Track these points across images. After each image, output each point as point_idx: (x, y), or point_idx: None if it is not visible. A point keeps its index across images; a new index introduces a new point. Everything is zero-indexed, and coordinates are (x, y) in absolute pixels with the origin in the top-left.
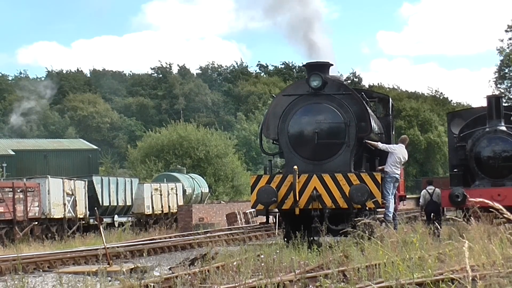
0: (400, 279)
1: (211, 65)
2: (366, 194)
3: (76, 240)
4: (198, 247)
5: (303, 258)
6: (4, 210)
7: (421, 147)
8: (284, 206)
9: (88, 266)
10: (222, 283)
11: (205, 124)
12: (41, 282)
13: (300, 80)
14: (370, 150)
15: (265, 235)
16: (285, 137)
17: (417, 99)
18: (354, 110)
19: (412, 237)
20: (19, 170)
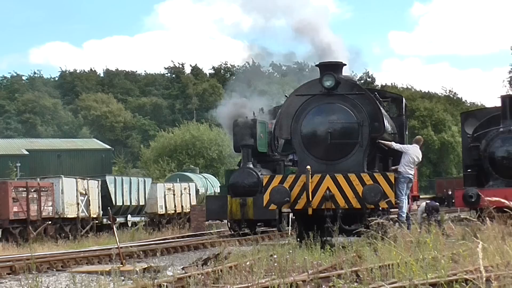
0: (414, 279)
1: (224, 65)
2: (379, 194)
3: (89, 240)
4: (211, 247)
5: (316, 258)
6: (18, 209)
7: (435, 147)
8: (297, 206)
9: (102, 266)
10: (235, 283)
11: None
12: (54, 282)
13: (313, 80)
14: (383, 150)
15: (278, 235)
16: (298, 137)
17: (430, 99)
18: (367, 110)
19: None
20: (33, 170)
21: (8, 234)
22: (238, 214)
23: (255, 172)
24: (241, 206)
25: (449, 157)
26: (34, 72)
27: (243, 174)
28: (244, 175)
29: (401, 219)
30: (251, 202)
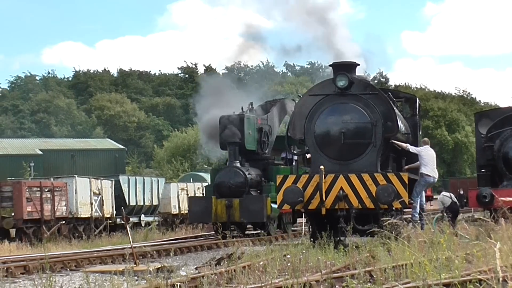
0: (427, 279)
1: (237, 65)
2: (392, 194)
3: (103, 240)
4: (224, 247)
5: (329, 258)
6: (32, 209)
7: (449, 147)
8: (311, 206)
9: (115, 266)
10: (248, 283)
11: None
12: (68, 281)
13: (327, 80)
14: (396, 150)
15: (291, 235)
16: (312, 137)
17: (444, 99)
18: (380, 110)
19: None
20: (47, 170)
21: (22, 234)
22: (223, 216)
23: (242, 171)
24: (226, 207)
25: (463, 157)
26: (48, 72)
27: (229, 173)
28: (231, 175)
29: (414, 219)
30: (238, 204)
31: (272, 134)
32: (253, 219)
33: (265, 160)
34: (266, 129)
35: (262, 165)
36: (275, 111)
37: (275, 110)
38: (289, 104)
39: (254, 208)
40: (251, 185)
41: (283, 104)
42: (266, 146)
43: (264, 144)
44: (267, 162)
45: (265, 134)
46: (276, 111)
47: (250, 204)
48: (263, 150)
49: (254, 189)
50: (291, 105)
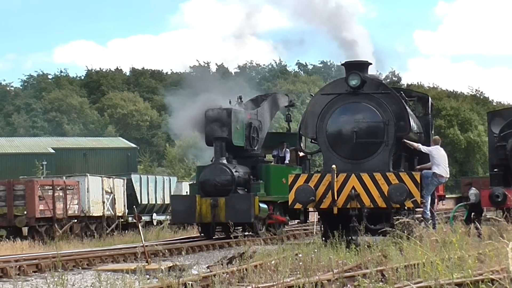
0: (439, 279)
1: (250, 64)
2: (405, 193)
3: (114, 238)
4: (236, 245)
5: (341, 257)
6: (44, 207)
7: (461, 147)
8: (322, 205)
9: (127, 264)
10: (260, 282)
11: None
12: (80, 280)
13: (339, 79)
14: (409, 150)
15: (303, 234)
16: (324, 136)
17: (456, 98)
18: (393, 109)
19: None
20: (59, 168)
21: (34, 232)
22: (208, 216)
23: (229, 168)
24: (211, 207)
25: (475, 157)
26: (61, 71)
27: (214, 170)
28: (216, 172)
29: (425, 216)
30: (224, 203)
31: (263, 130)
32: (240, 220)
33: (254, 158)
34: (256, 124)
35: (251, 162)
36: (266, 105)
37: (266, 104)
38: (281, 99)
39: (241, 208)
40: (239, 183)
41: (275, 99)
42: (256, 142)
43: (253, 140)
44: (256, 160)
45: (254, 129)
46: (267, 106)
47: (236, 204)
48: (252, 146)
49: (241, 188)
50: (284, 100)
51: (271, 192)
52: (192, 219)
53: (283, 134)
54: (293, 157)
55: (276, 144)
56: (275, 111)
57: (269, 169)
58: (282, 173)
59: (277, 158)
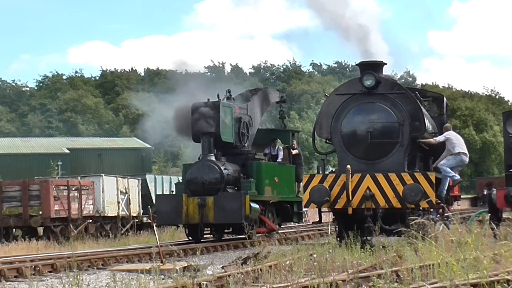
0: (455, 279)
1: (264, 64)
2: (420, 194)
3: (129, 238)
4: (250, 246)
5: (356, 257)
6: (59, 208)
7: (476, 147)
8: (337, 206)
9: (142, 264)
10: (275, 282)
11: None
12: (95, 280)
13: (354, 79)
14: (424, 150)
15: (317, 235)
16: (338, 137)
17: (472, 98)
18: (408, 110)
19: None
20: (74, 169)
21: (50, 232)
22: (196, 217)
23: (217, 165)
24: (199, 207)
25: (490, 157)
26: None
27: (202, 168)
28: (204, 170)
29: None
30: (212, 202)
31: (253, 126)
32: (229, 220)
33: (244, 155)
34: (246, 119)
35: (241, 159)
36: (257, 100)
37: (257, 99)
38: (272, 94)
39: (230, 208)
40: (228, 182)
41: (266, 94)
42: (246, 138)
43: (243, 136)
44: (246, 157)
45: (244, 125)
46: (258, 101)
47: (226, 203)
48: (242, 143)
49: (231, 186)
50: (275, 95)
51: (263, 191)
52: (178, 220)
53: (275, 131)
54: (286, 155)
55: (268, 141)
56: (266, 106)
57: (260, 166)
58: (274, 171)
59: (269, 156)
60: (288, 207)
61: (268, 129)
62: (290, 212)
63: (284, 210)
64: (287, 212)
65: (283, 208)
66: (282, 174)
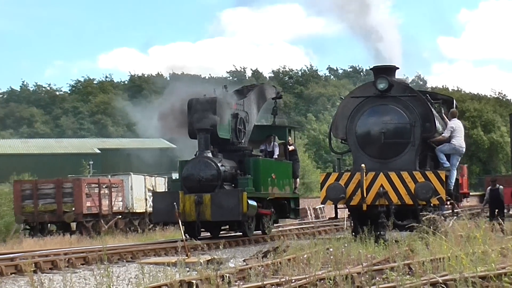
0: (464, 272)
1: (283, 68)
2: (430, 191)
3: (156, 233)
4: (270, 240)
5: (370, 251)
6: (91, 204)
7: (484, 147)
8: (352, 202)
9: (168, 258)
10: (293, 274)
11: None
12: (124, 272)
13: (368, 83)
14: (434, 149)
15: (334, 230)
16: (353, 137)
17: (480, 100)
18: (419, 111)
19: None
20: (104, 167)
21: (82, 227)
22: (192, 214)
23: (214, 162)
24: (196, 204)
25: (498, 156)
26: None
27: (199, 164)
28: (200, 166)
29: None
30: (209, 200)
31: (250, 122)
32: (227, 217)
33: (241, 151)
34: (243, 115)
35: (238, 156)
36: (253, 96)
37: (253, 95)
38: (268, 90)
39: (227, 205)
40: (225, 179)
41: (262, 90)
42: (243, 135)
43: (240, 132)
44: (243, 154)
45: (241, 121)
46: (254, 97)
47: (223, 200)
48: (239, 139)
49: (228, 183)
50: (271, 92)
51: (260, 187)
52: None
53: (271, 128)
54: (282, 151)
55: (263, 138)
56: (262, 102)
57: (258, 163)
58: (271, 167)
59: (265, 152)
60: (286, 203)
61: (264, 125)
62: (287, 209)
63: (281, 206)
64: (284, 209)
65: (280, 204)
66: (279, 171)
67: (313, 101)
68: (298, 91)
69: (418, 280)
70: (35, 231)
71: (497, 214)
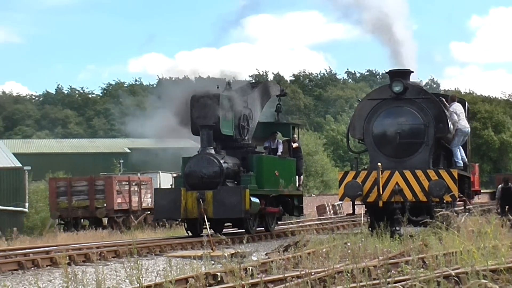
0: (475, 266)
1: (303, 72)
2: (443, 188)
3: (183, 228)
4: (291, 235)
5: (386, 246)
6: (122, 201)
7: (495, 147)
8: (369, 199)
9: (194, 251)
10: (313, 267)
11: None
12: (153, 264)
13: (384, 86)
14: (447, 149)
15: (351, 225)
16: (370, 137)
17: (491, 102)
18: (432, 113)
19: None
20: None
21: (113, 222)
22: (194, 211)
23: (217, 159)
24: (198, 201)
25: (508, 155)
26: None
27: (201, 161)
28: (203, 163)
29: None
30: (211, 197)
31: (253, 119)
32: (229, 215)
33: (245, 148)
34: (246, 112)
35: (241, 153)
36: (257, 93)
37: (257, 92)
38: (273, 88)
39: (230, 202)
40: (228, 176)
41: (266, 87)
42: (246, 132)
43: (243, 129)
44: (246, 150)
45: (244, 118)
46: (258, 94)
47: (225, 197)
48: (242, 136)
49: (230, 180)
50: (275, 89)
51: (263, 185)
52: (177, 214)
53: (275, 125)
54: (286, 148)
55: (267, 135)
56: (266, 99)
57: (261, 159)
58: (275, 164)
59: (269, 150)
60: (289, 200)
61: (268, 122)
62: (291, 206)
63: (284, 203)
64: (287, 206)
65: (284, 201)
66: (283, 168)
67: (332, 103)
68: (318, 93)
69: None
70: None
71: (507, 210)
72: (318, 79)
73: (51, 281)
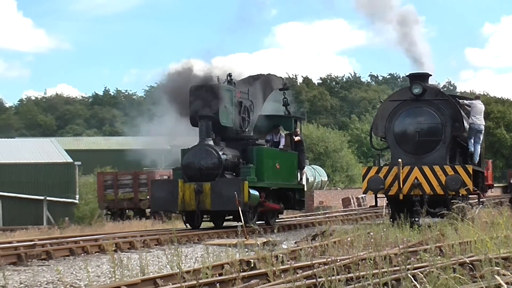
0: (488, 254)
1: (330, 76)
2: (459, 183)
3: None
4: (318, 225)
5: (406, 235)
6: None
7: (507, 144)
8: (390, 193)
9: (229, 240)
10: (338, 255)
11: (324, 124)
12: (192, 252)
13: (404, 88)
14: (463, 147)
15: (374, 216)
16: (391, 135)
17: (503, 103)
18: (449, 113)
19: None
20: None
21: (155, 213)
22: (192, 203)
23: (215, 150)
24: (195, 193)
25: None
26: None
27: (199, 152)
28: (201, 154)
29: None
30: (209, 189)
31: (254, 112)
32: (227, 207)
33: (245, 140)
34: (247, 104)
35: (241, 145)
36: (259, 85)
37: (259, 84)
38: (275, 81)
39: (228, 194)
40: (226, 167)
41: (268, 80)
42: (247, 124)
43: (244, 121)
44: (247, 142)
45: (245, 109)
46: (260, 86)
47: (223, 189)
48: (243, 128)
49: (229, 172)
50: (278, 82)
51: (263, 177)
52: (174, 206)
53: (277, 117)
54: (288, 142)
55: (270, 128)
56: (268, 92)
57: (261, 151)
58: (276, 157)
59: (271, 143)
60: (290, 194)
61: (270, 115)
62: (292, 199)
63: (285, 197)
64: (288, 199)
65: (285, 195)
66: (284, 161)
67: (356, 104)
68: (343, 95)
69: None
70: (115, 216)
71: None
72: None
73: (99, 266)
